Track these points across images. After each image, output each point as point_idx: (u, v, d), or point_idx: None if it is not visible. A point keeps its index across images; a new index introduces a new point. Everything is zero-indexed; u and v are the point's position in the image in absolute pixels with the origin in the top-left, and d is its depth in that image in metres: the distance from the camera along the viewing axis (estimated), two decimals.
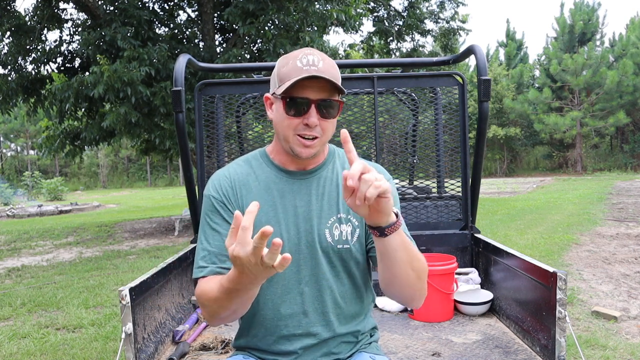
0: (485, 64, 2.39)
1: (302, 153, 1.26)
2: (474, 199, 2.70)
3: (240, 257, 0.94)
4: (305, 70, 1.21)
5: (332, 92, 1.24)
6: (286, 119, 1.25)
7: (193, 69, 2.77)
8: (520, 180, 24.26)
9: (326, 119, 1.25)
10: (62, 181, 25.37)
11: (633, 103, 25.96)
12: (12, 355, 3.54)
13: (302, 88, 1.22)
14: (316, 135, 1.25)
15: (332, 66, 1.25)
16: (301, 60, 1.23)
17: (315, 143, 1.26)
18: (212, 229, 1.29)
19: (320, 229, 1.30)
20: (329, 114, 1.25)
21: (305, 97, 1.22)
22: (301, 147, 1.26)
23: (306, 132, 1.24)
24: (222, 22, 9.94)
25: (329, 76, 1.21)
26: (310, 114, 1.23)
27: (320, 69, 1.21)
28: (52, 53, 9.35)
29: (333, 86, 1.22)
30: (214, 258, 1.26)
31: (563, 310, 1.68)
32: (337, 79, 1.24)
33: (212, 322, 1.24)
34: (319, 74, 1.20)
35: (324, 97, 1.23)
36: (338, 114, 1.28)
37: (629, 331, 3.49)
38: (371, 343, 1.42)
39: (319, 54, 1.25)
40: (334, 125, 1.29)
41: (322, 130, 1.26)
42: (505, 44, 33.42)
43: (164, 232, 9.97)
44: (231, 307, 1.15)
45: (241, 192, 1.32)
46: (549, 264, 1.87)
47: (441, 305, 2.34)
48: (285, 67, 1.24)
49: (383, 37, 14.14)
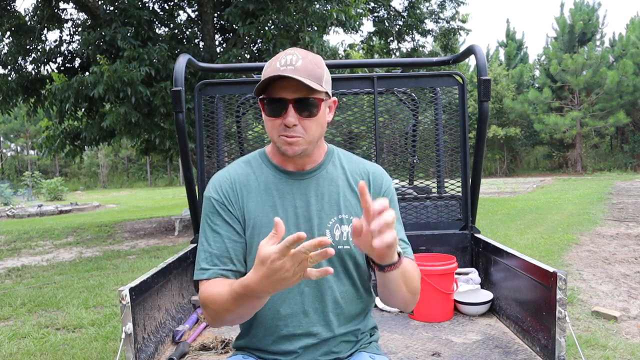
0: (485, 64, 2.39)
1: (288, 151, 1.26)
2: (474, 199, 2.70)
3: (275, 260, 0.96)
4: (280, 70, 1.19)
5: (310, 91, 1.22)
6: (268, 120, 1.26)
7: (193, 69, 2.77)
8: (520, 180, 24.26)
9: (307, 118, 1.23)
10: (62, 181, 25.37)
11: (633, 103, 25.96)
12: (12, 355, 3.54)
13: (278, 88, 1.21)
14: (297, 135, 1.24)
15: (313, 63, 1.22)
16: (280, 60, 1.22)
17: (299, 141, 1.24)
18: (213, 230, 1.28)
19: (320, 230, 1.30)
20: (308, 112, 1.23)
21: (280, 97, 1.22)
22: (285, 145, 1.25)
23: (287, 132, 1.23)
24: (222, 22, 9.94)
25: (305, 74, 1.19)
26: (287, 113, 1.22)
27: (297, 68, 1.19)
28: (52, 53, 9.35)
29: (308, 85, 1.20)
30: (215, 260, 1.25)
31: (563, 310, 1.68)
32: (317, 77, 1.22)
33: (214, 325, 1.24)
34: (292, 73, 1.18)
35: (300, 95, 1.21)
36: (320, 112, 1.25)
37: (629, 331, 3.49)
38: (371, 343, 1.42)
39: (301, 52, 1.23)
40: (319, 123, 1.26)
41: (304, 130, 1.24)
42: (505, 44, 33.42)
43: (164, 232, 9.97)
44: (239, 312, 1.15)
45: (242, 193, 1.31)
46: (549, 264, 1.87)
47: (441, 305, 2.34)
48: (267, 69, 1.24)
49: (383, 37, 14.14)
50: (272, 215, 1.29)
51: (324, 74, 1.25)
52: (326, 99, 1.28)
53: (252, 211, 1.30)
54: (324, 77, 1.25)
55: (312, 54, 1.25)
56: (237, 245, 1.28)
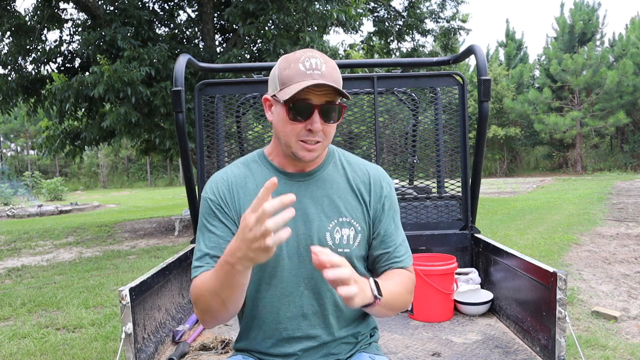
0: (485, 64, 2.39)
1: (306, 157, 1.25)
2: (474, 199, 2.70)
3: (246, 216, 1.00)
4: (309, 75, 1.19)
5: (334, 95, 1.23)
6: (289, 124, 1.23)
7: (193, 69, 2.77)
8: (520, 180, 24.25)
9: (329, 123, 1.24)
10: (62, 181, 25.35)
11: (633, 103, 25.94)
12: (12, 355, 3.54)
13: (305, 93, 1.20)
14: (319, 140, 1.24)
15: (334, 68, 1.23)
16: (304, 63, 1.20)
17: (318, 147, 1.25)
18: (209, 230, 1.29)
19: (320, 232, 1.29)
20: (331, 118, 1.24)
21: (309, 102, 1.21)
22: (304, 151, 1.25)
23: (309, 137, 1.23)
24: (222, 22, 9.94)
25: (332, 80, 1.20)
26: (313, 119, 1.21)
27: (323, 73, 1.20)
28: (52, 53, 9.35)
29: (336, 90, 1.21)
30: (208, 259, 1.26)
31: (563, 310, 1.68)
32: (340, 82, 1.23)
33: (204, 319, 1.24)
34: (323, 79, 1.18)
35: (327, 101, 1.22)
36: (341, 118, 1.27)
37: (629, 331, 3.49)
38: (371, 343, 1.42)
39: (320, 55, 1.23)
40: (335, 128, 1.28)
41: (324, 135, 1.25)
42: (505, 44, 33.40)
43: (164, 232, 9.97)
44: (223, 295, 1.14)
45: (238, 194, 1.31)
46: (549, 264, 1.87)
47: (441, 305, 2.34)
48: (287, 70, 1.21)
49: (383, 37, 14.14)
50: None
51: (341, 79, 1.27)
52: (346, 104, 1.29)
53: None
54: (341, 82, 1.27)
55: (328, 58, 1.26)
56: None
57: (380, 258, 1.34)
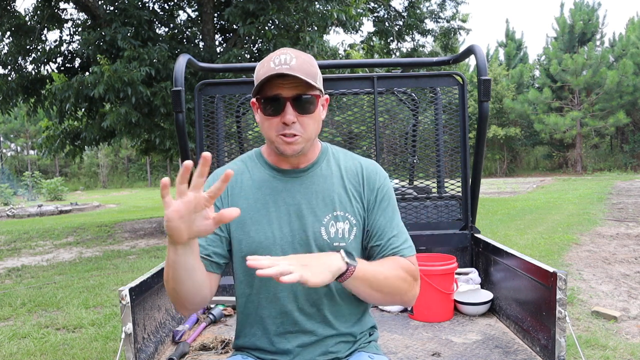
0: (485, 64, 2.40)
1: (287, 150, 1.27)
2: (474, 199, 2.70)
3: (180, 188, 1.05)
4: (276, 70, 1.21)
5: (307, 87, 1.24)
6: (265, 120, 1.27)
7: (193, 69, 2.77)
8: (520, 180, 24.25)
9: (304, 115, 1.25)
10: (62, 181, 25.32)
11: (633, 103, 25.93)
12: (12, 355, 3.54)
13: (275, 87, 1.23)
14: (295, 133, 1.25)
15: (306, 62, 1.24)
16: (274, 60, 1.23)
17: (297, 140, 1.26)
18: None
19: (315, 227, 1.30)
20: (306, 109, 1.25)
21: (278, 95, 1.23)
22: (284, 145, 1.26)
23: (285, 130, 1.25)
24: (222, 22, 9.94)
25: (302, 73, 1.21)
26: (286, 111, 1.24)
27: (292, 67, 1.21)
28: (52, 53, 9.35)
29: (305, 82, 1.22)
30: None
31: (563, 310, 1.68)
32: (312, 75, 1.24)
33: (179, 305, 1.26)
34: (289, 71, 1.20)
35: (298, 92, 1.23)
36: (317, 109, 1.28)
37: (629, 331, 3.49)
38: (370, 342, 1.42)
39: (293, 52, 1.25)
40: (315, 120, 1.29)
41: (302, 127, 1.26)
42: (505, 44, 33.40)
43: (164, 232, 9.96)
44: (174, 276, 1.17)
45: (232, 190, 1.34)
46: (549, 264, 1.87)
47: (441, 305, 2.34)
48: (262, 70, 1.25)
49: (383, 37, 14.14)
50: (262, 212, 1.31)
51: (318, 72, 1.28)
52: (321, 95, 1.30)
53: (241, 208, 1.30)
54: (318, 75, 1.28)
55: (304, 53, 1.28)
56: (216, 238, 1.31)
57: (374, 250, 1.34)
